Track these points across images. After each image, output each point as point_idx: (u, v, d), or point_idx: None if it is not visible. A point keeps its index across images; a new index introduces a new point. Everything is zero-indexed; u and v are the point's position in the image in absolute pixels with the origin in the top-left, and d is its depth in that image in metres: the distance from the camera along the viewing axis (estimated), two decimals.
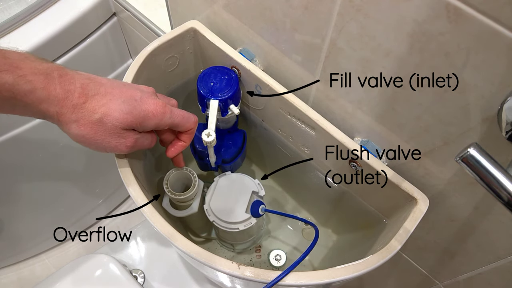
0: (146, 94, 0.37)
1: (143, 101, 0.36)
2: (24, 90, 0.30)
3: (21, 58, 0.31)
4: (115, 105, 0.33)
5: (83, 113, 0.32)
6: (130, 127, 0.35)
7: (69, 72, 0.33)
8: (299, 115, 0.45)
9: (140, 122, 0.35)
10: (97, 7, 0.67)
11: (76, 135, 0.33)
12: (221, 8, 0.47)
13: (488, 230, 0.39)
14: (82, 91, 0.33)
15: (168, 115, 0.37)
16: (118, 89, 0.35)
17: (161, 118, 0.36)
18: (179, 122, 0.39)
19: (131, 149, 0.36)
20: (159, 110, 0.36)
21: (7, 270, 1.00)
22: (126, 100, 0.34)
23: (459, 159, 0.24)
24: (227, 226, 0.49)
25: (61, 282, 0.62)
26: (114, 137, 0.34)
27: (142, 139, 0.37)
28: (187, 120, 0.40)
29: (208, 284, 0.65)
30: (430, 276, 0.53)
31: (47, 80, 0.31)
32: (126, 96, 0.35)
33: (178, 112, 0.39)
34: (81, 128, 0.33)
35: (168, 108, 0.37)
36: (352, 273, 0.34)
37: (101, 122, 0.33)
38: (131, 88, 0.36)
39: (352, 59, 0.36)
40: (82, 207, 0.97)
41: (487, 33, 0.26)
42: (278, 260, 0.63)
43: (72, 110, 0.32)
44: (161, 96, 0.41)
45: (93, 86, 0.33)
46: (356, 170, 0.43)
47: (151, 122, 0.36)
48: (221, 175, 0.53)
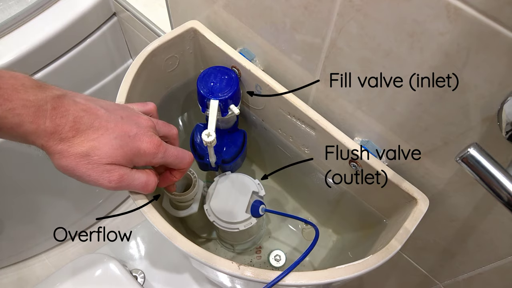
0: (143, 129, 0.35)
1: (137, 138, 0.34)
2: (11, 123, 0.29)
3: (15, 86, 0.29)
4: (106, 140, 0.32)
5: (69, 145, 0.31)
6: (117, 162, 0.33)
7: (65, 102, 0.32)
8: (299, 115, 0.45)
9: (130, 158, 0.34)
10: (97, 7, 0.67)
11: (57, 165, 0.32)
12: (221, 8, 0.47)
13: (488, 230, 0.39)
14: (74, 125, 0.31)
15: (161, 154, 0.36)
16: (113, 122, 0.34)
17: (153, 157, 0.35)
18: (171, 162, 0.37)
19: (117, 184, 0.34)
20: (151, 149, 0.35)
21: (7, 270, 1.00)
22: (119, 136, 0.33)
23: (459, 159, 0.24)
24: (227, 226, 0.49)
25: (61, 282, 0.62)
26: (98, 171, 0.32)
27: (132, 177, 0.35)
28: (181, 161, 0.38)
29: (208, 284, 0.65)
30: (430, 276, 0.53)
31: (38, 113, 0.30)
32: (120, 131, 0.33)
33: (172, 151, 0.37)
34: (63, 159, 0.31)
35: (162, 147, 0.36)
36: (352, 273, 0.34)
37: (86, 155, 0.32)
38: (127, 122, 0.35)
39: (352, 59, 0.36)
40: (82, 207, 0.97)
41: (487, 33, 0.26)
42: (278, 260, 0.63)
43: (59, 143, 0.31)
44: (162, 125, 0.40)
45: (88, 120, 0.32)
46: (356, 170, 0.43)
47: (141, 160, 0.35)
48: (221, 175, 0.53)
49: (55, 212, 0.92)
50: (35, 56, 0.63)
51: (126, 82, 0.45)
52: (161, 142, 0.36)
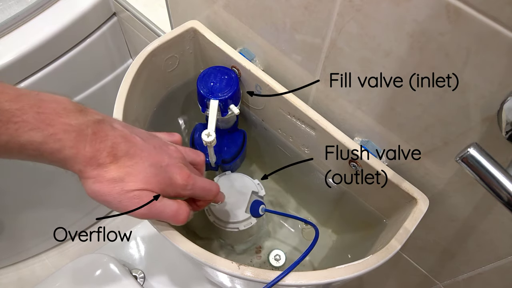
0: (174, 160, 0.35)
1: (169, 168, 0.34)
2: (52, 148, 0.28)
3: (57, 111, 0.29)
4: (141, 167, 0.32)
5: (106, 171, 0.31)
6: (151, 189, 0.33)
7: (105, 127, 0.31)
8: (299, 115, 0.45)
9: (163, 187, 0.34)
10: (97, 7, 0.67)
11: (89, 189, 0.31)
12: (221, 8, 0.47)
13: (488, 230, 0.39)
14: (111, 151, 0.31)
15: (190, 186, 0.36)
16: (147, 151, 0.33)
17: (182, 188, 0.35)
18: (199, 194, 0.37)
19: (147, 210, 0.33)
20: (182, 180, 0.35)
21: (7, 270, 1.00)
22: (152, 164, 0.33)
23: (459, 159, 0.24)
24: (227, 226, 0.49)
25: (61, 282, 0.62)
26: (129, 196, 0.32)
27: (163, 204, 0.34)
28: (208, 193, 0.38)
29: (208, 284, 0.65)
30: (430, 276, 0.53)
31: (78, 138, 0.29)
32: (153, 160, 0.33)
33: (200, 183, 0.37)
34: (97, 184, 0.31)
35: (191, 179, 0.36)
36: (352, 273, 0.34)
37: (120, 181, 0.31)
38: (160, 152, 0.35)
39: (352, 59, 0.36)
40: (82, 207, 0.97)
41: (487, 33, 0.26)
42: (278, 260, 0.63)
43: (95, 168, 0.30)
44: (190, 152, 0.39)
45: (124, 146, 0.32)
46: (356, 170, 0.43)
47: (172, 190, 0.35)
48: (221, 175, 0.53)
49: (55, 212, 0.92)
50: (35, 56, 0.63)
51: (126, 82, 0.45)
52: (190, 174, 0.36)
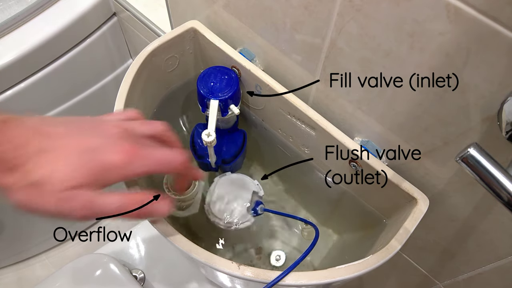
0: (109, 139, 0.29)
1: (103, 149, 0.28)
2: None
3: None
4: (60, 162, 0.27)
5: (20, 176, 0.26)
6: (79, 185, 0.27)
7: (11, 125, 0.27)
8: (299, 115, 0.45)
9: (96, 177, 0.27)
10: (97, 7, 0.67)
11: (13, 202, 0.26)
12: (221, 8, 0.47)
13: (488, 230, 0.39)
14: (20, 151, 0.26)
15: (138, 163, 0.29)
16: (69, 139, 0.28)
17: (127, 168, 0.28)
18: (155, 169, 0.30)
19: (83, 213, 0.27)
20: (122, 159, 0.28)
21: (7, 270, 1.00)
22: (76, 153, 0.27)
23: (459, 159, 0.24)
24: (227, 226, 0.49)
25: (61, 282, 0.62)
26: (54, 201, 0.26)
27: (101, 201, 0.28)
28: (168, 165, 0.31)
29: (208, 284, 0.65)
30: (430, 276, 0.53)
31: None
32: (78, 147, 0.28)
33: (153, 155, 0.30)
34: (14, 194, 0.26)
35: (140, 153, 0.29)
36: (352, 273, 0.34)
37: (37, 185, 0.26)
38: (88, 135, 0.29)
39: (352, 59, 0.36)
40: None
41: (487, 33, 0.25)
42: (278, 260, 0.63)
43: (7, 174, 0.26)
44: (141, 124, 0.33)
45: (38, 142, 0.27)
46: (356, 170, 0.43)
47: (112, 175, 0.28)
48: (221, 175, 0.53)
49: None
50: (35, 56, 0.63)
51: (126, 82, 0.45)
52: (136, 147, 0.29)
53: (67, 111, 0.75)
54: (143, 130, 0.32)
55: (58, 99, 0.72)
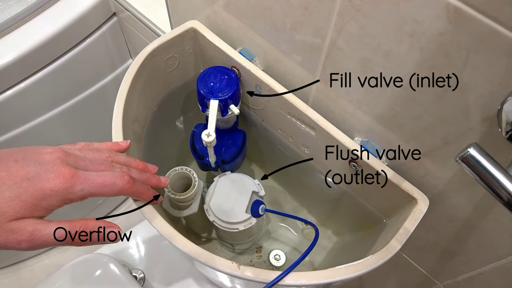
0: (47, 165, 0.29)
1: (40, 177, 0.28)
2: None
3: None
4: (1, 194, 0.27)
5: None
6: (20, 215, 0.27)
7: None
8: (299, 115, 0.45)
9: (35, 205, 0.28)
10: (97, 7, 0.67)
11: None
12: (221, 8, 0.47)
13: (488, 230, 0.39)
14: None
15: (79, 186, 0.29)
16: (5, 171, 0.28)
17: (68, 192, 0.29)
18: (98, 192, 0.31)
19: (29, 244, 0.28)
20: (61, 184, 0.29)
21: (7, 270, 1.00)
22: (12, 184, 0.28)
23: (459, 159, 0.24)
24: (227, 226, 0.49)
25: (61, 282, 0.62)
26: (2, 233, 0.27)
27: (45, 231, 0.29)
28: (111, 188, 0.31)
29: (208, 284, 0.65)
30: (430, 276, 0.53)
31: None
32: (14, 178, 0.28)
33: (94, 179, 0.30)
34: None
35: (79, 177, 0.30)
36: (352, 273, 0.34)
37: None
38: (24, 165, 0.29)
39: (352, 59, 0.36)
40: (82, 207, 0.97)
41: (487, 33, 0.26)
42: (278, 260, 0.63)
43: None
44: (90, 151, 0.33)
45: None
46: (356, 170, 0.43)
47: (54, 201, 0.29)
48: (221, 175, 0.53)
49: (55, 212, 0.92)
50: (35, 56, 0.63)
51: (126, 82, 0.45)
52: (75, 172, 0.30)
53: (67, 111, 0.75)
54: (88, 154, 0.33)
55: (58, 99, 0.72)
